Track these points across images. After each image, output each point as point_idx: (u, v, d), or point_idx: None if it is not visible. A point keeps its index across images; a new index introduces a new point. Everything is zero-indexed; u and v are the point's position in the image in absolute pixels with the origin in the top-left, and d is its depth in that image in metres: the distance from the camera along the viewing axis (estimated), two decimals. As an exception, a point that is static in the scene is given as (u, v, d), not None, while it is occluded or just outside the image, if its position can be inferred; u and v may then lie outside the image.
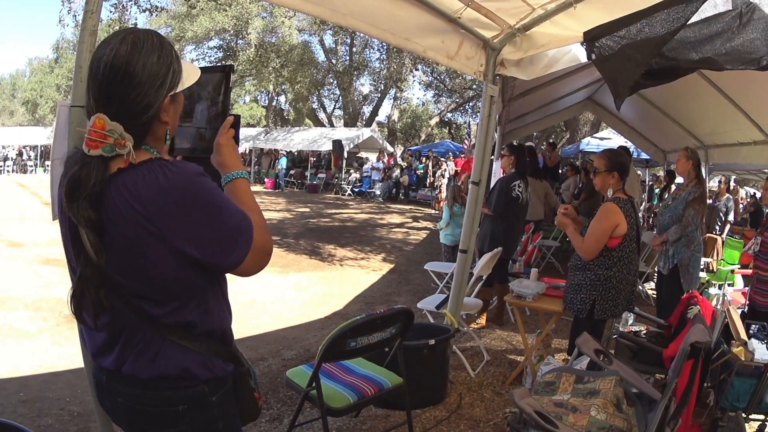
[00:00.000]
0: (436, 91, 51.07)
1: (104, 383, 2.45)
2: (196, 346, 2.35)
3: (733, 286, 10.58)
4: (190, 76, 2.44)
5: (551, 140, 25.07)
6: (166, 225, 2.16)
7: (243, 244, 2.31)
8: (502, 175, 9.83)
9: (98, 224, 2.13)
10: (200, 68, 2.62)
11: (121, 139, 2.15)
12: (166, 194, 2.15)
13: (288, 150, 43.04)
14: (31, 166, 45.93)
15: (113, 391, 2.43)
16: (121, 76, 2.14)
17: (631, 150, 16.96)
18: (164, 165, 2.20)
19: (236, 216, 2.30)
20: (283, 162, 41.44)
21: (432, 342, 6.14)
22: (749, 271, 8.51)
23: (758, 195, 22.69)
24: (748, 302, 7.85)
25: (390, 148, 41.88)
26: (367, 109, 54.46)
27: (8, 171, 43.72)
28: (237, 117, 2.62)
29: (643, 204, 21.16)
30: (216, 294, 2.46)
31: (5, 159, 44.59)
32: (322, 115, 54.41)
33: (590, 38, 5.25)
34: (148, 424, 2.43)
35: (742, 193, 25.68)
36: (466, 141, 21.72)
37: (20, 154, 46.79)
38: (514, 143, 11.92)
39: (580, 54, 6.63)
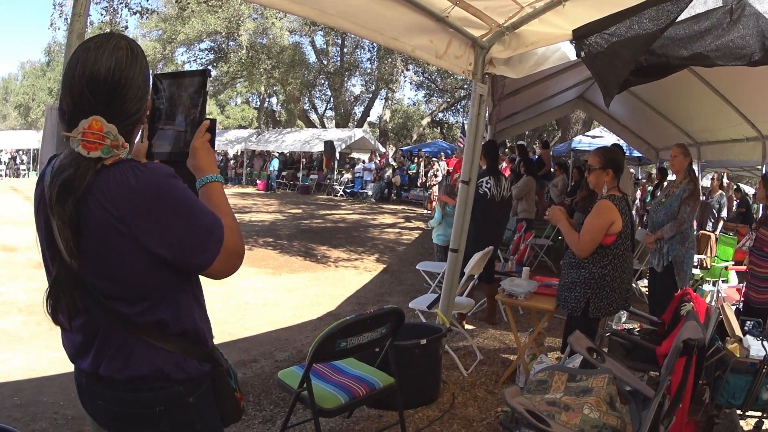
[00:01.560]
0: (428, 91, 51.22)
1: (84, 386, 2.47)
2: (169, 346, 2.36)
3: (727, 282, 10.61)
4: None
5: (544, 139, 25.12)
6: (136, 225, 2.17)
7: (213, 246, 2.32)
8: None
9: (77, 226, 2.14)
10: (179, 72, 2.71)
11: (116, 140, 2.18)
12: (136, 195, 2.17)
13: (280, 151, 43.05)
14: (24, 170, 45.83)
15: (93, 394, 2.44)
16: (124, 81, 2.20)
17: (623, 148, 17.01)
18: (135, 166, 2.22)
19: (207, 217, 2.32)
20: (275, 163, 41.48)
21: (423, 342, 6.12)
22: (743, 268, 8.51)
23: (743, 189, 22.75)
24: (743, 299, 7.85)
25: (382, 149, 41.92)
26: (358, 110, 54.63)
27: (1, 175, 43.61)
28: (213, 121, 2.65)
29: (637, 201, 21.17)
30: (187, 294, 2.47)
31: (-2, 163, 44.55)
32: (313, 116, 54.41)
33: (579, 36, 5.24)
34: (128, 426, 2.44)
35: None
36: (460, 140, 21.70)
37: (14, 158, 46.69)
38: (507, 142, 11.88)
39: (570, 52, 6.63)
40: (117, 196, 2.14)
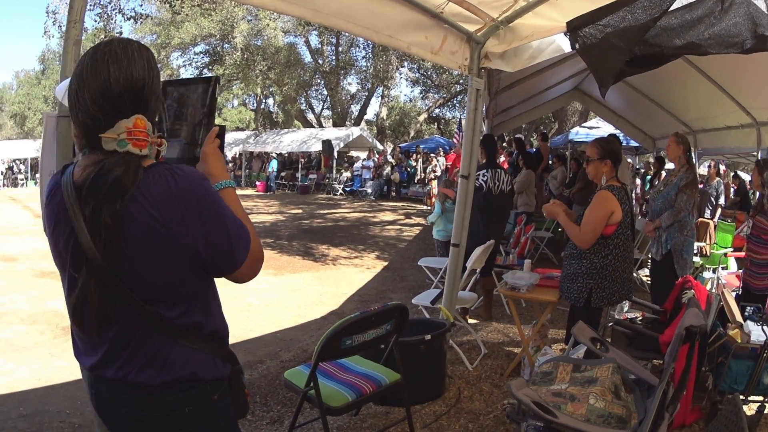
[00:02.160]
0: (424, 87, 51.12)
1: (105, 394, 2.45)
2: (201, 347, 2.39)
3: (726, 269, 10.61)
4: None
5: (543, 131, 25.09)
6: (177, 227, 2.21)
7: (242, 249, 2.38)
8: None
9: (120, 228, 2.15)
10: (188, 79, 2.77)
11: (155, 138, 2.24)
12: (177, 197, 2.21)
13: (278, 152, 43.03)
14: (22, 180, 45.67)
15: (116, 402, 2.42)
16: (150, 83, 2.25)
17: (620, 138, 17.02)
18: (172, 169, 2.25)
19: (236, 221, 2.38)
20: (273, 164, 41.44)
21: (428, 337, 6.14)
22: (742, 254, 8.53)
23: (741, 176, 22.73)
24: (741, 285, 7.88)
25: (380, 146, 41.85)
26: (355, 108, 54.51)
27: (-1, 185, 43.52)
28: (222, 127, 2.69)
29: (636, 190, 21.15)
30: (215, 297, 2.53)
31: (-5, 173, 44.43)
32: (310, 116, 54.36)
33: (573, 28, 5.26)
34: (154, 430, 2.44)
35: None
36: (456, 135, 21.68)
37: (11, 168, 46.57)
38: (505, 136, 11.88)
39: (564, 44, 6.64)
40: (158, 198, 2.18)
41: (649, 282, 9.94)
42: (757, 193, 8.03)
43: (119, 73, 2.17)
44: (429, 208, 27.24)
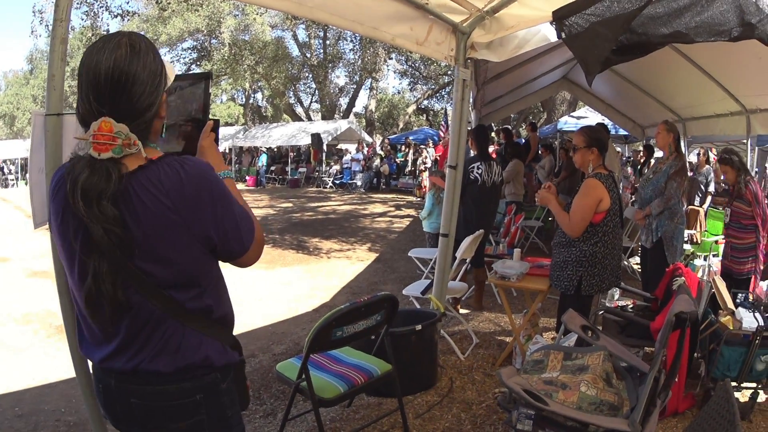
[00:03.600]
0: (412, 79, 51.08)
1: (113, 387, 2.46)
2: (212, 333, 2.45)
3: (717, 256, 10.64)
4: (171, 73, 2.54)
5: (532, 121, 25.11)
6: (190, 214, 2.28)
7: (248, 234, 2.50)
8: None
9: (122, 221, 2.18)
10: (183, 75, 2.82)
11: (128, 139, 2.21)
12: (187, 186, 2.27)
13: (268, 146, 43.03)
14: (13, 180, 45.51)
15: (126, 393, 2.44)
16: (125, 78, 2.21)
17: (609, 127, 17.04)
18: (180, 160, 2.32)
19: (242, 208, 2.49)
20: (263, 159, 41.52)
21: (419, 327, 6.14)
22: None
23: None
24: (722, 271, 7.96)
25: (369, 139, 41.82)
26: (343, 101, 54.56)
27: (-11, 187, 43.31)
28: (216, 121, 2.79)
29: (629, 178, 21.17)
30: (223, 282, 2.60)
31: (-15, 175, 44.26)
32: (299, 110, 54.37)
33: (559, 17, 5.25)
34: (165, 420, 2.46)
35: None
36: (442, 127, 21.70)
37: (1, 168, 46.42)
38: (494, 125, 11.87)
39: (550, 34, 6.64)
40: (170, 188, 2.23)
41: (639, 270, 9.96)
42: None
43: (87, 70, 2.22)
44: (419, 198, 27.27)
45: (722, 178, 10.49)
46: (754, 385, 5.76)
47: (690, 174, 14.30)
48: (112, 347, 2.38)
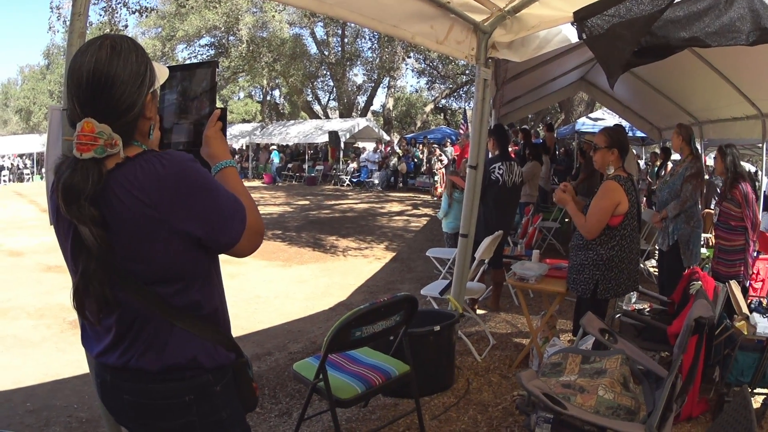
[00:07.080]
0: (430, 78, 50.91)
1: (108, 382, 2.50)
2: (202, 332, 2.43)
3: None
4: (161, 74, 2.56)
5: (548, 122, 25.04)
6: (168, 209, 2.25)
7: (238, 224, 2.43)
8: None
9: (101, 220, 2.19)
10: (188, 65, 2.81)
11: (110, 139, 2.21)
12: (164, 181, 2.25)
13: (285, 143, 43.12)
14: (28, 174, 45.71)
15: (119, 389, 2.47)
16: (105, 79, 2.21)
17: (626, 128, 16.98)
18: (158, 155, 2.30)
19: (229, 198, 2.42)
20: (274, 156, 41.72)
21: (437, 328, 6.13)
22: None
23: (746, 167, 22.67)
24: (711, 273, 7.92)
25: (386, 137, 41.83)
26: (361, 99, 54.46)
27: (5, 181, 43.51)
28: (223, 110, 2.75)
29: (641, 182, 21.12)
30: (215, 276, 2.57)
31: (1, 169, 44.38)
32: (317, 107, 54.33)
33: (580, 18, 5.24)
34: (155, 419, 2.48)
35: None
36: (462, 126, 21.64)
37: (17, 164, 46.58)
38: (508, 125, 11.84)
39: (571, 34, 6.63)
40: (146, 184, 2.22)
41: (656, 273, 9.93)
42: (764, 183, 8.04)
43: (71, 72, 2.25)
44: (435, 198, 27.23)
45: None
46: (766, 391, 5.73)
47: (706, 177, 14.25)
48: (107, 342, 2.42)
